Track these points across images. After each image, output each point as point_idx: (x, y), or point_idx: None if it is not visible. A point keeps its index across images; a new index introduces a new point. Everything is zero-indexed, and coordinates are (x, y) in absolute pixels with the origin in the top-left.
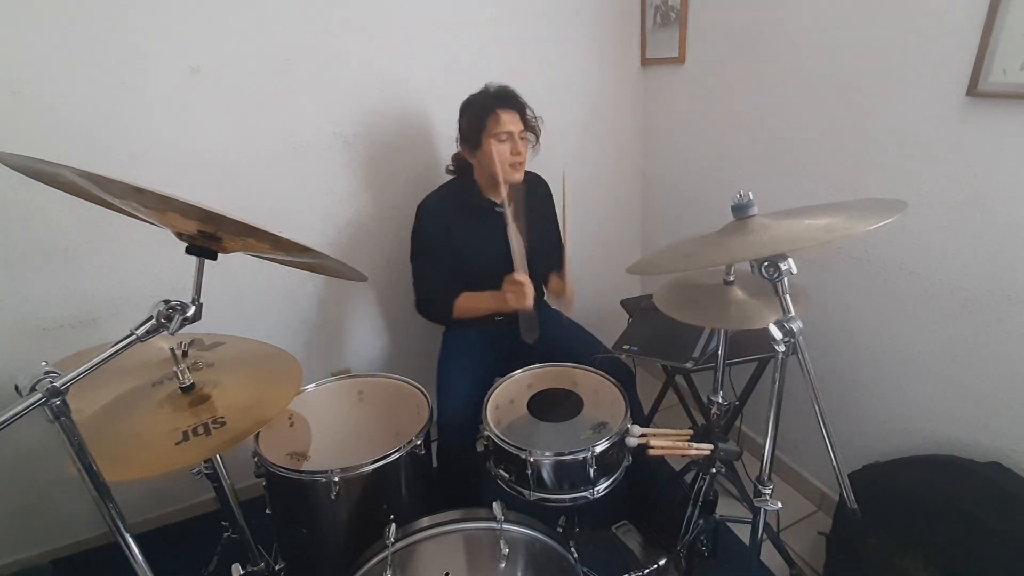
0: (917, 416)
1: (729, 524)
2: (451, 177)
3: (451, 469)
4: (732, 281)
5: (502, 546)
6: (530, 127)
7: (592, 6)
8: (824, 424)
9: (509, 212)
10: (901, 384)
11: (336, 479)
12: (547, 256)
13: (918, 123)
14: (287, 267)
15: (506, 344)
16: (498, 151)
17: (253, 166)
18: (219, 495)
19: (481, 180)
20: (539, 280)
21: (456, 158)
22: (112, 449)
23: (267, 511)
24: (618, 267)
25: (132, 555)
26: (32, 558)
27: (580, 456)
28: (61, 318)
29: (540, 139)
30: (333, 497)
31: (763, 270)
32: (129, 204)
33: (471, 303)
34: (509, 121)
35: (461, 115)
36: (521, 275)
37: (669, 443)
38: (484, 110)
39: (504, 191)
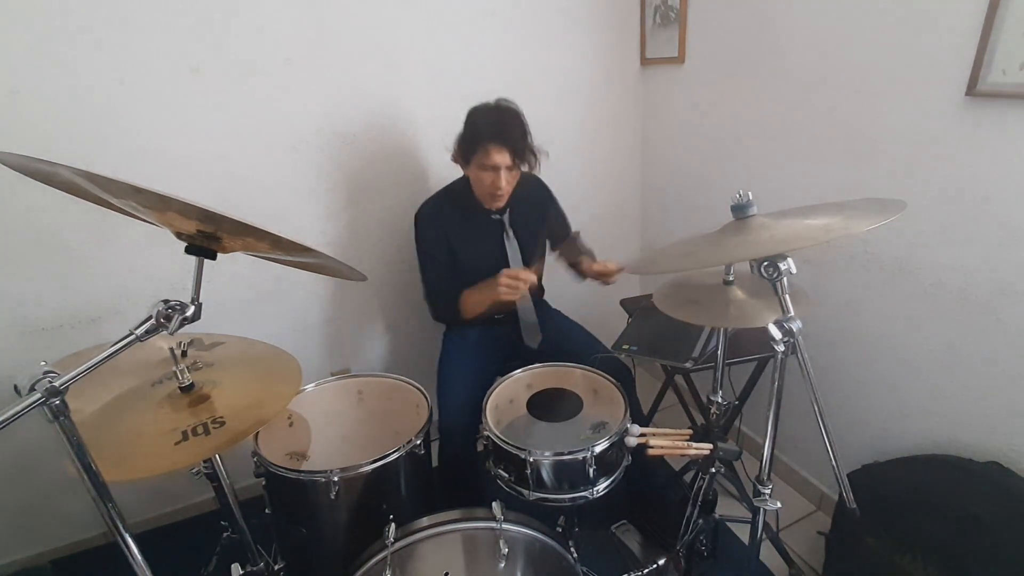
0: (917, 416)
1: (729, 524)
2: (450, 180)
3: (451, 469)
4: (732, 281)
5: (501, 546)
6: (522, 160)
7: (592, 6)
8: (824, 424)
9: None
10: (901, 384)
11: (335, 479)
12: (544, 258)
13: (918, 123)
14: (287, 267)
15: (506, 344)
16: (480, 179)
17: (253, 165)
18: (218, 495)
19: (475, 189)
20: (539, 282)
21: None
22: (112, 449)
23: (266, 511)
24: None
25: (132, 555)
26: (32, 558)
27: (580, 456)
28: (61, 318)
29: (540, 156)
30: (332, 497)
31: (763, 270)
32: (128, 204)
33: (472, 299)
34: (498, 157)
35: (464, 125)
36: (518, 270)
37: (669, 443)
38: (477, 141)
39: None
